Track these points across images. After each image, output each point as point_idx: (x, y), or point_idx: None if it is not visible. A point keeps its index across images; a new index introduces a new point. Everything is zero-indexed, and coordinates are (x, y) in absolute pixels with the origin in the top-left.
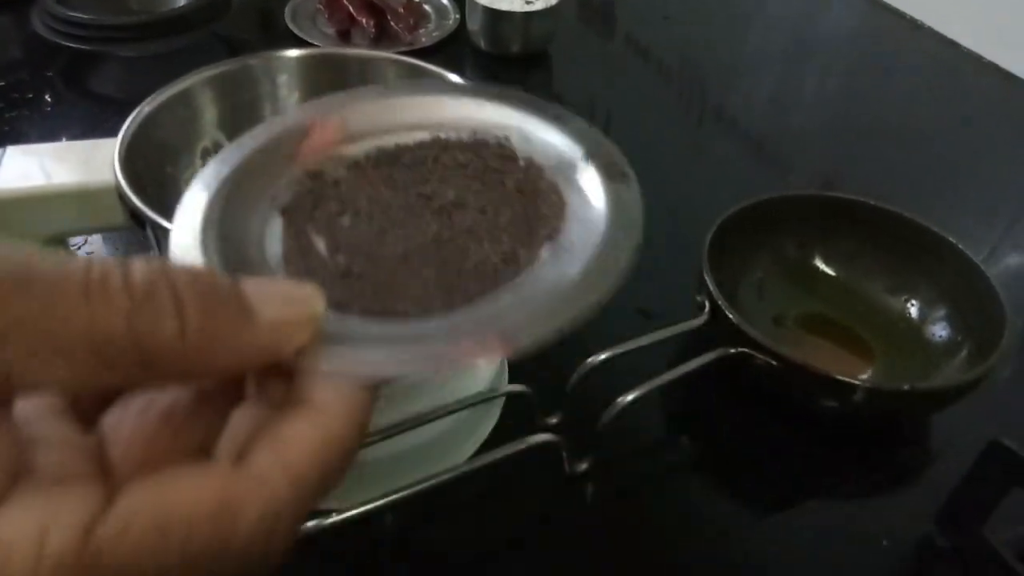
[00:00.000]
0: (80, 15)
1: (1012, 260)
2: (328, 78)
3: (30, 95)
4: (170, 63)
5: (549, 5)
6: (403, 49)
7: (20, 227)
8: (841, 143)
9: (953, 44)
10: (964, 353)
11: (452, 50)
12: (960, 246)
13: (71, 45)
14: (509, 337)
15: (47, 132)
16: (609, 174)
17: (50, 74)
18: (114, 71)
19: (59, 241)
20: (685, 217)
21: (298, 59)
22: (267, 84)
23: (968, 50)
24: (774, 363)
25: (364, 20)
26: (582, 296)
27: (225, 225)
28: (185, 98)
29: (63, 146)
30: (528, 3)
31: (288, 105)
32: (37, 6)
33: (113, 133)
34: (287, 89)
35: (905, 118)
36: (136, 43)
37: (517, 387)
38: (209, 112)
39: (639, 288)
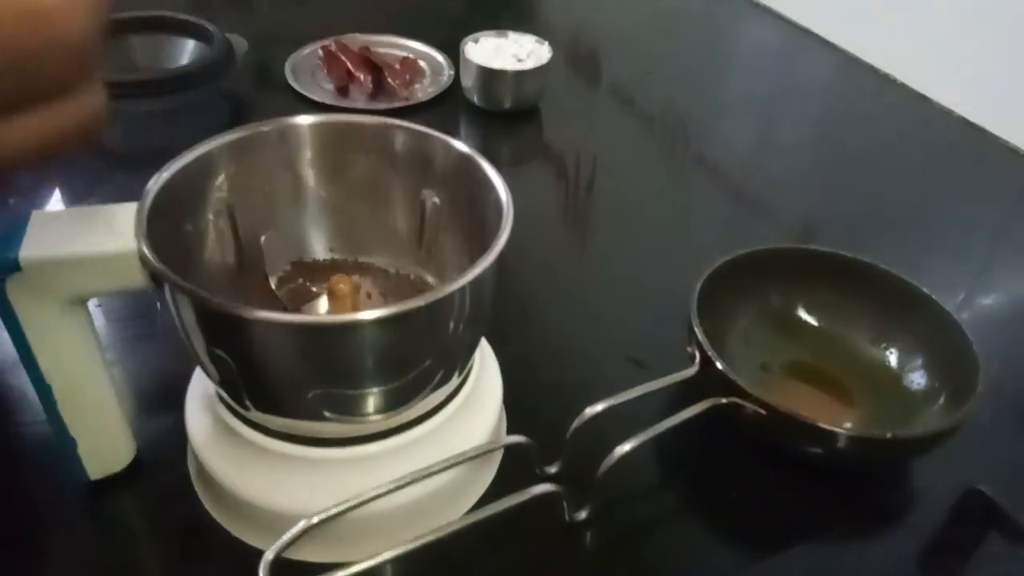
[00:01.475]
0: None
1: (985, 304)
2: (337, 142)
3: None
4: (174, 119)
5: (540, 64)
6: (399, 104)
7: (44, 289)
8: (817, 191)
9: (924, 99)
10: (942, 400)
11: (447, 105)
12: (933, 297)
13: None
14: None
15: (53, 187)
16: None
17: None
18: (119, 126)
19: (80, 300)
20: (671, 264)
21: (309, 126)
22: (280, 148)
23: (939, 105)
24: (762, 412)
25: (362, 76)
26: None
27: None
28: (202, 163)
29: (87, 211)
30: (520, 61)
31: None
32: None
33: (121, 189)
34: (298, 151)
35: (879, 168)
36: (141, 99)
37: (517, 438)
38: (224, 173)
39: (629, 337)
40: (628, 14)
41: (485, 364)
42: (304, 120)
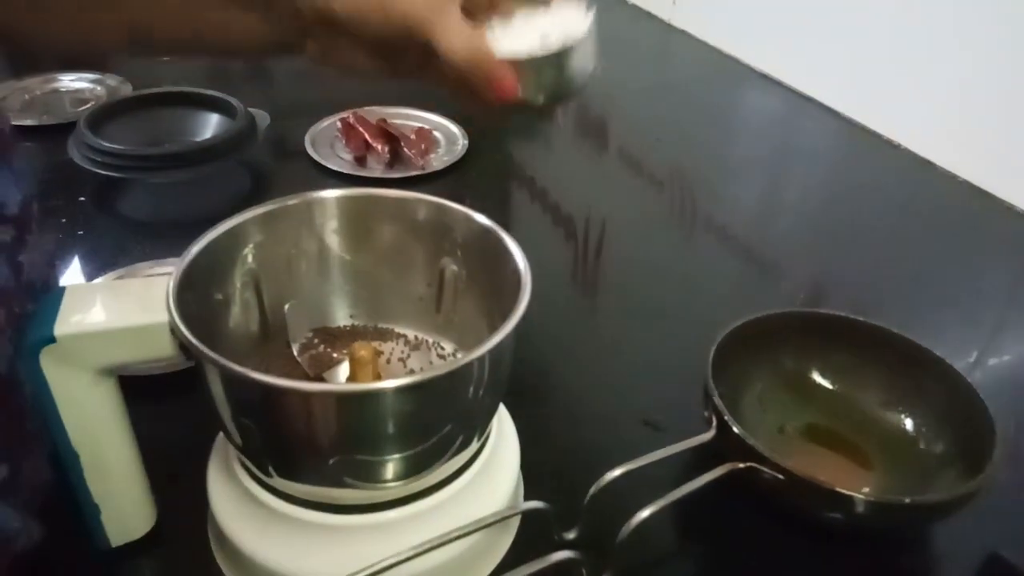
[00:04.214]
0: (114, 145)
1: (996, 367)
2: (360, 214)
3: (63, 219)
4: (199, 189)
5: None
6: (415, 172)
7: (78, 361)
8: (825, 254)
9: (928, 163)
10: (959, 464)
11: (460, 173)
12: (947, 361)
13: (103, 172)
14: None
15: (81, 256)
16: None
17: (83, 199)
18: (143, 197)
19: (111, 371)
20: (684, 326)
21: (333, 199)
22: (304, 219)
23: (943, 169)
24: (780, 476)
25: (379, 146)
26: None
27: None
28: (230, 236)
29: (120, 284)
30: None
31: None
32: (73, 135)
33: (147, 257)
34: (321, 223)
35: (885, 231)
36: (167, 171)
37: (535, 504)
38: (250, 245)
39: (644, 400)
40: (634, 83)
41: (503, 429)
42: (328, 193)
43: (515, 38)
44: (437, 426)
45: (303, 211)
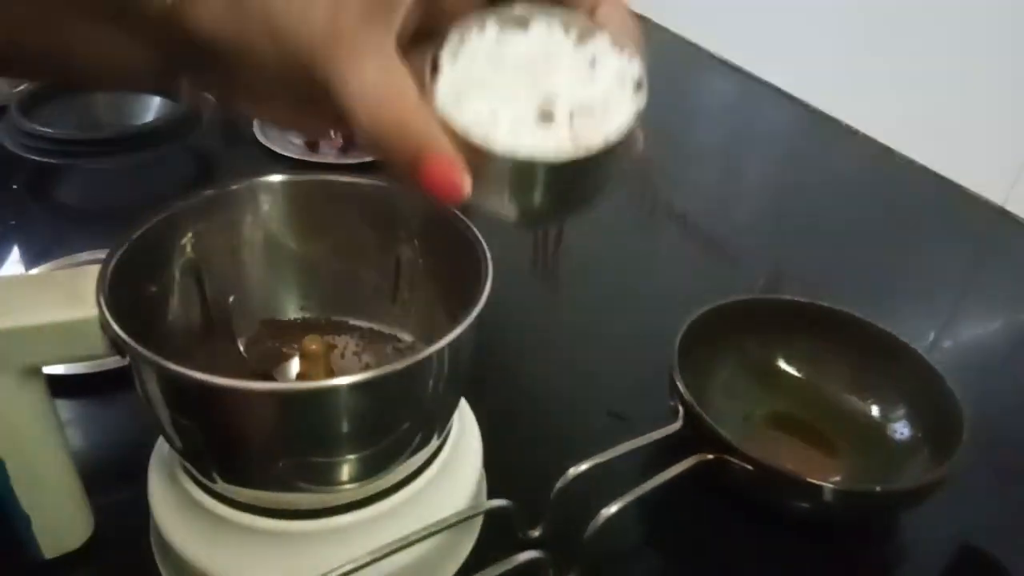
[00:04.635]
0: (48, 130)
1: (955, 349)
2: (309, 200)
3: None
4: (141, 176)
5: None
6: (370, 158)
7: (2, 359)
8: (784, 239)
9: (887, 150)
10: (926, 451)
11: None
12: (912, 347)
13: (38, 159)
14: None
15: (13, 247)
16: None
17: (16, 187)
18: (81, 184)
19: (37, 370)
20: (646, 314)
21: (280, 183)
22: (248, 206)
23: (901, 155)
24: (749, 467)
25: (331, 131)
26: None
27: None
28: (168, 223)
29: (45, 276)
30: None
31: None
32: (4, 119)
33: (83, 248)
34: (267, 210)
35: (844, 216)
36: (106, 157)
37: (500, 502)
38: (190, 234)
39: (609, 390)
40: None
41: (464, 424)
42: (274, 178)
43: (503, 107)
44: (394, 424)
45: (247, 197)
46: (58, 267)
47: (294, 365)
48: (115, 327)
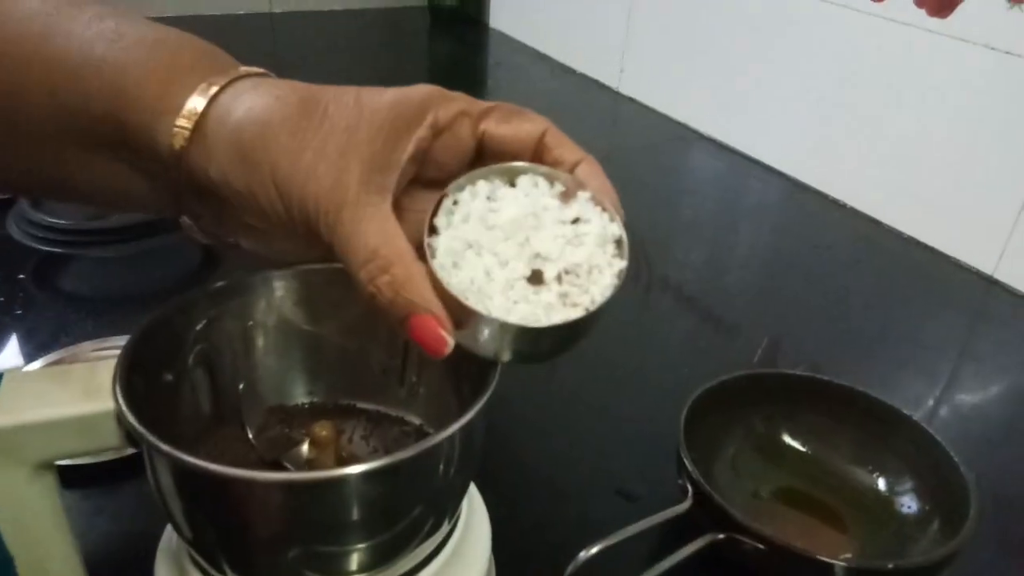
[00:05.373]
0: (55, 220)
1: (950, 418)
2: (317, 289)
3: (0, 298)
4: (144, 264)
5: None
6: None
7: (16, 455)
8: (777, 312)
9: (874, 221)
10: (936, 524)
11: None
12: (914, 418)
13: (45, 248)
14: None
15: (21, 336)
16: None
17: (22, 277)
18: (87, 273)
19: (50, 464)
20: (646, 389)
21: (293, 274)
22: (262, 294)
23: (889, 227)
24: (760, 546)
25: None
26: None
27: None
28: (180, 315)
29: (62, 370)
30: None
31: (278, 313)
32: (12, 211)
33: (89, 336)
34: (276, 299)
35: (835, 288)
36: (109, 246)
37: None
38: (201, 324)
39: (615, 469)
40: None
41: (473, 507)
42: (283, 269)
43: (496, 269)
44: (408, 510)
45: (259, 286)
46: (65, 356)
47: (303, 451)
48: (132, 420)
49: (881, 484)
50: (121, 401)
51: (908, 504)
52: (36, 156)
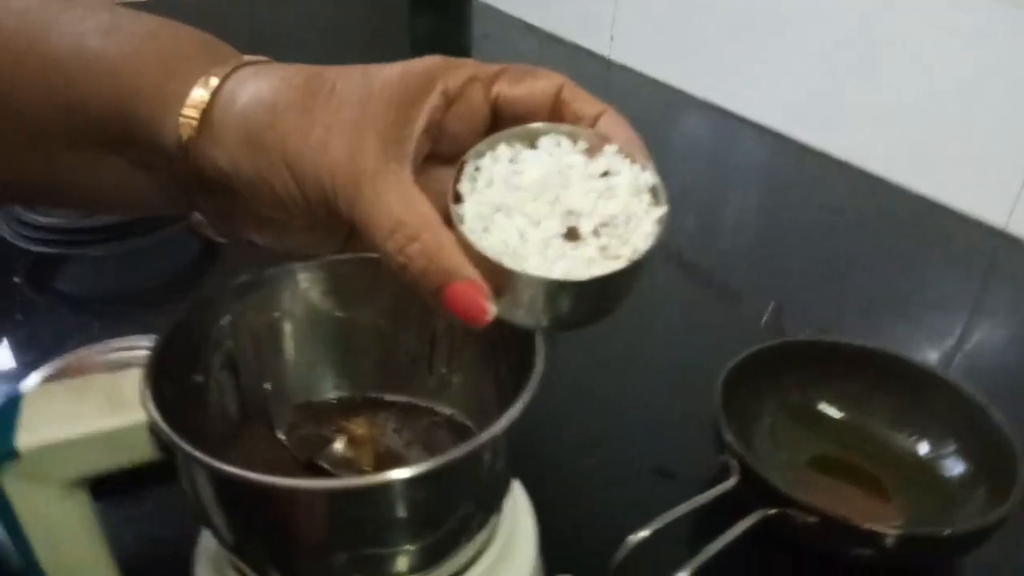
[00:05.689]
0: (54, 220)
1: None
2: (341, 280)
3: None
4: (143, 261)
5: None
6: None
7: (47, 475)
8: (782, 276)
9: (880, 180)
10: (984, 486)
11: None
12: (957, 383)
13: (39, 249)
14: None
15: (23, 343)
16: None
17: (17, 280)
18: (83, 273)
19: (83, 482)
20: (677, 365)
21: (319, 265)
22: (287, 288)
23: (895, 184)
24: (811, 519)
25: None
26: None
27: None
28: (205, 314)
29: (84, 383)
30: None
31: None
32: (3, 211)
33: (94, 339)
34: (305, 291)
35: (841, 248)
36: (105, 244)
37: None
38: (227, 320)
39: (650, 447)
40: None
41: (516, 501)
42: (305, 261)
43: (529, 229)
44: (459, 507)
45: (281, 280)
46: (72, 361)
47: (339, 449)
48: (172, 435)
49: (922, 448)
50: (155, 413)
51: (952, 467)
52: (30, 159)
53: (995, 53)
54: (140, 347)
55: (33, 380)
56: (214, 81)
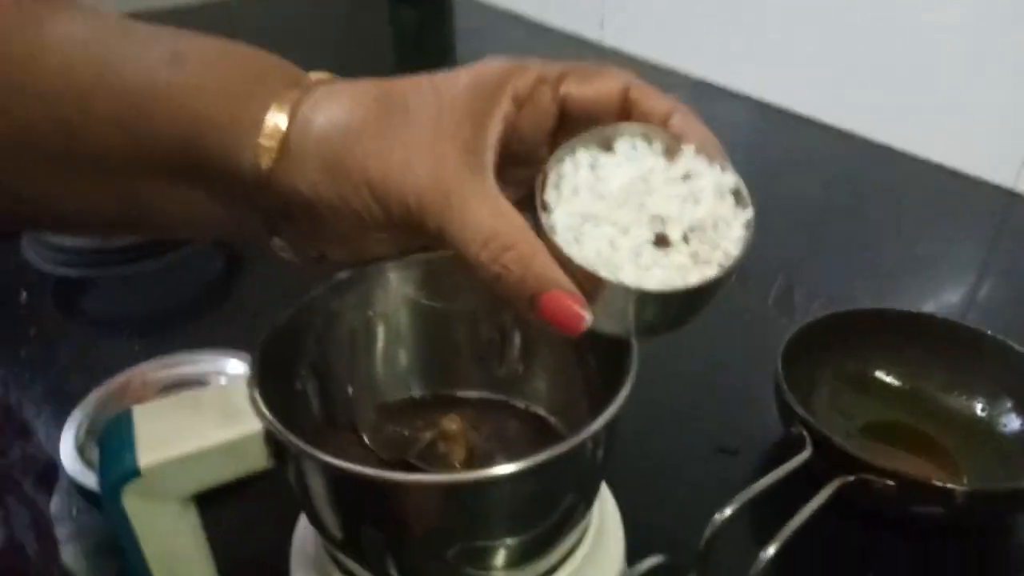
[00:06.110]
0: (79, 242)
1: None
2: (419, 279)
3: (32, 329)
4: (171, 278)
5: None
6: None
7: (165, 491)
8: (791, 248)
9: (885, 147)
10: None
11: None
12: (1001, 337)
13: (65, 272)
14: None
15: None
16: None
17: (49, 304)
18: (113, 293)
19: (196, 496)
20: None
21: (409, 263)
22: (373, 290)
23: (900, 150)
24: (890, 483)
25: None
26: None
27: None
28: (289, 326)
29: (190, 398)
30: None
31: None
32: (28, 236)
33: (138, 358)
34: (383, 294)
35: (848, 218)
36: (131, 264)
37: (654, 559)
38: (308, 330)
39: (708, 427)
40: None
41: (601, 494)
42: (383, 265)
43: (620, 238)
44: (563, 499)
45: (367, 282)
46: (122, 384)
47: (431, 447)
48: (290, 437)
49: (978, 407)
50: (272, 419)
51: (1011, 424)
52: (103, 190)
53: (1000, 13)
54: (195, 362)
55: (92, 401)
56: (288, 107)
